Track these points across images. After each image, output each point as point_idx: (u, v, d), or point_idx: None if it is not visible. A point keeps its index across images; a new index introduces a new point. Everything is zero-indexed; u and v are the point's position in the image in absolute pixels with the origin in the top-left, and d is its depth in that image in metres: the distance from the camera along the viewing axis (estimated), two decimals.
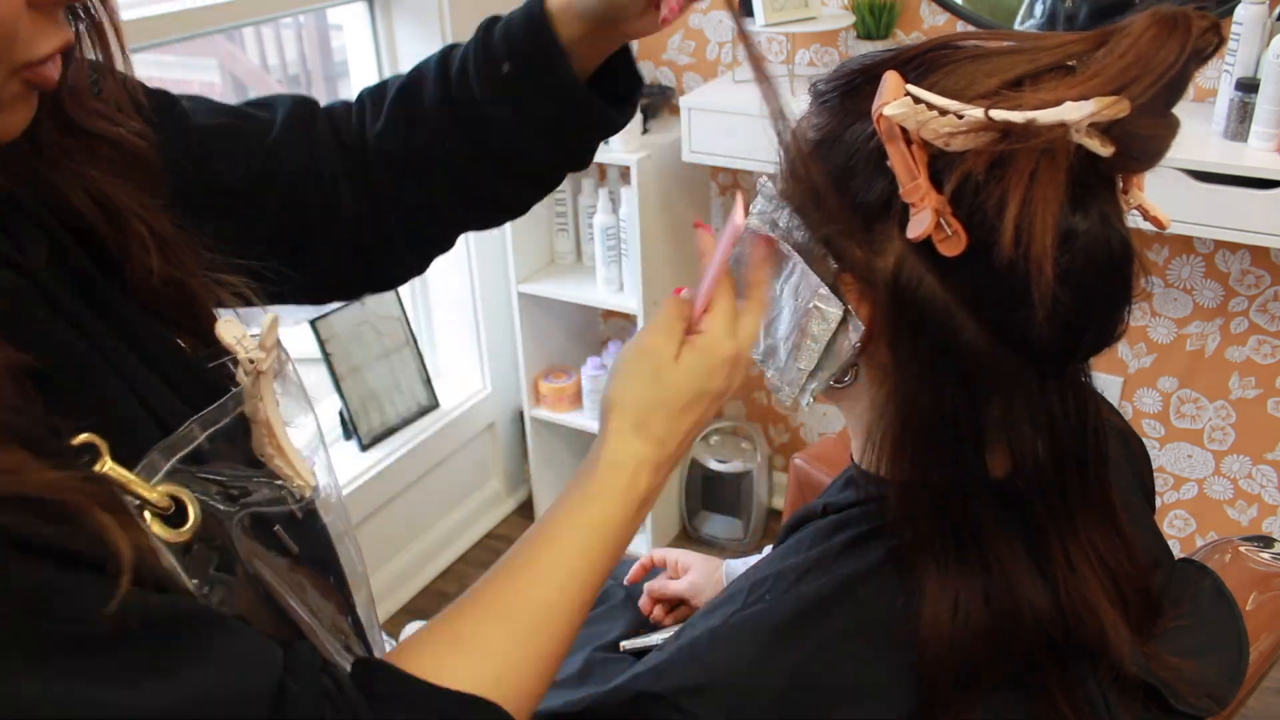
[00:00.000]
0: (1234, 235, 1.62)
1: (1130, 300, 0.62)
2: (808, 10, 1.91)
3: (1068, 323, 0.60)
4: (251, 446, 0.60)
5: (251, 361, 0.58)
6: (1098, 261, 0.59)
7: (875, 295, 0.64)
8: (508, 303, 2.36)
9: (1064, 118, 0.55)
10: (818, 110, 0.68)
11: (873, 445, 0.68)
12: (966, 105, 0.56)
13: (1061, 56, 0.59)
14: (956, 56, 0.62)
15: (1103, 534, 0.69)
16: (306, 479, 0.60)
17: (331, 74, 4.90)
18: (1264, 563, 0.91)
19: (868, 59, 0.66)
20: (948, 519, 0.66)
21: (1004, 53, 0.61)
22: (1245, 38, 1.59)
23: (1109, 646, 0.67)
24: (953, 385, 0.63)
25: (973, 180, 0.57)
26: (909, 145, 0.58)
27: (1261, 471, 2.04)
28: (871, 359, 0.67)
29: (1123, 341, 2.04)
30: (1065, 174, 0.56)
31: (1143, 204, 0.63)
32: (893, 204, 0.61)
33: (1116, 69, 0.56)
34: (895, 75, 0.60)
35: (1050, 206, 0.56)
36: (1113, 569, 0.69)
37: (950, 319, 0.61)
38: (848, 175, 0.64)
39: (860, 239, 0.63)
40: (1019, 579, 0.66)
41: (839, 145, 0.65)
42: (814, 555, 0.70)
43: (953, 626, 0.65)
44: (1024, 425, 0.65)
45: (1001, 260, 0.56)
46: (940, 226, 0.58)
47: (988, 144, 0.57)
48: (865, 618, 0.67)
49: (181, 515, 0.52)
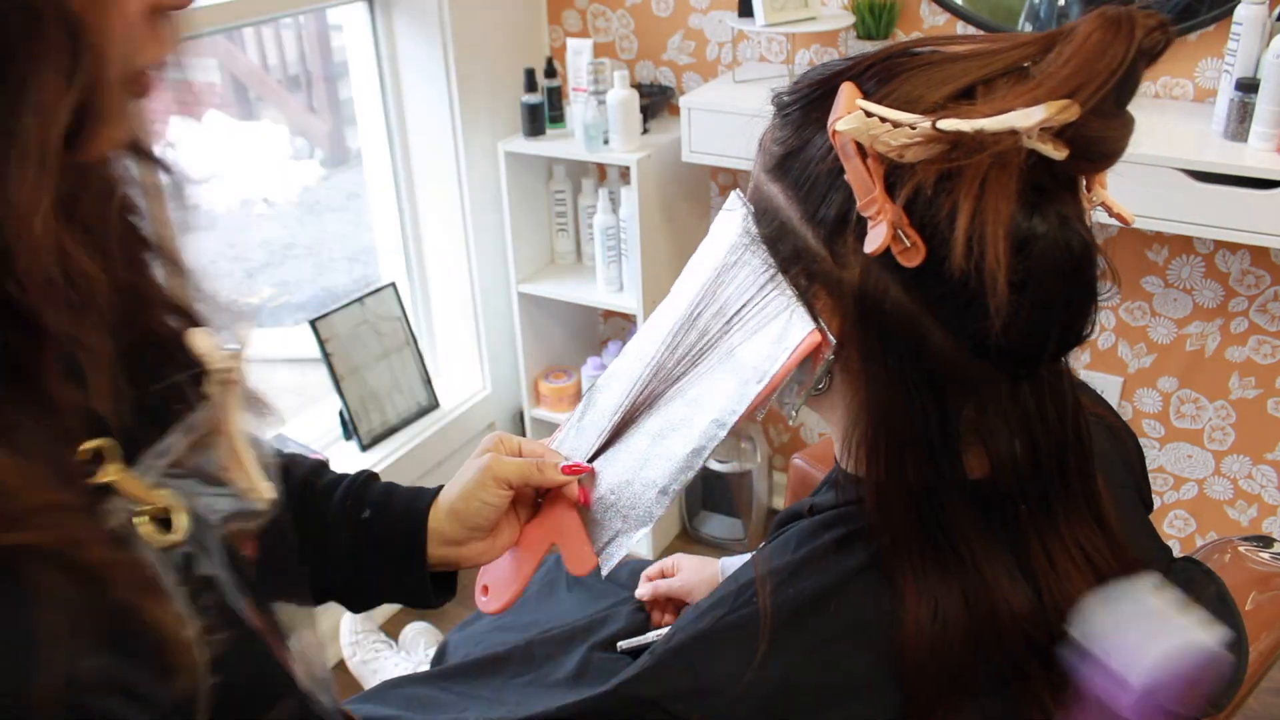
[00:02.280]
0: (1234, 235, 1.62)
1: (1095, 299, 0.61)
2: (808, 10, 1.91)
3: (1031, 326, 0.59)
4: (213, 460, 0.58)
5: (223, 370, 0.57)
6: (1057, 264, 0.58)
7: (844, 306, 0.64)
8: (508, 303, 2.36)
9: (1014, 125, 0.54)
10: (781, 123, 0.68)
11: (849, 448, 0.69)
12: (917, 117, 0.56)
13: (1015, 60, 0.59)
14: (912, 64, 0.61)
15: (1087, 530, 0.69)
16: (263, 493, 0.59)
17: (331, 74, 4.90)
18: (1263, 562, 0.91)
19: (827, 69, 0.65)
20: (923, 520, 0.66)
21: (958, 58, 0.61)
22: (1245, 38, 1.59)
23: None
24: (923, 390, 0.63)
25: (924, 192, 0.57)
26: (864, 158, 0.58)
27: (1261, 471, 2.04)
28: (845, 366, 0.67)
29: (1123, 341, 2.05)
30: (1017, 181, 0.56)
31: (1105, 201, 0.63)
32: (851, 217, 0.61)
33: (1064, 74, 0.55)
34: (850, 87, 0.60)
35: (1001, 216, 0.55)
36: (1097, 565, 0.69)
37: (917, 327, 0.61)
38: (810, 189, 0.64)
39: (826, 252, 0.64)
40: (997, 580, 0.66)
41: (800, 158, 0.65)
42: (800, 556, 0.70)
43: (932, 630, 0.64)
44: (999, 426, 0.65)
45: (953, 270, 0.56)
46: (898, 238, 0.57)
47: (940, 154, 0.56)
48: (852, 619, 0.67)
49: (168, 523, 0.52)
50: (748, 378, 0.70)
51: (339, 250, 4.16)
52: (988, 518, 0.67)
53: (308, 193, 4.55)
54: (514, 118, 2.23)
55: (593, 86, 2.06)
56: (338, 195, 4.61)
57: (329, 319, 2.13)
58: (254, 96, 5.07)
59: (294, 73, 5.08)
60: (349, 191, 4.57)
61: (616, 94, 2.02)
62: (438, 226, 2.31)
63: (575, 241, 2.38)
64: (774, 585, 0.69)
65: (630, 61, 2.28)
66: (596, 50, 2.21)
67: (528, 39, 2.30)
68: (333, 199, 4.59)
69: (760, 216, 0.69)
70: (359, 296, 2.18)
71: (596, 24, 2.27)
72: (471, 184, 2.22)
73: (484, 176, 2.24)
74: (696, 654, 0.68)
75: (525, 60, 2.21)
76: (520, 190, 2.26)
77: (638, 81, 2.28)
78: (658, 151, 2.09)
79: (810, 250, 0.65)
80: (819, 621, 0.67)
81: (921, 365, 0.62)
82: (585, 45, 2.10)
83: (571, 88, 2.14)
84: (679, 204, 2.22)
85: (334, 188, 4.65)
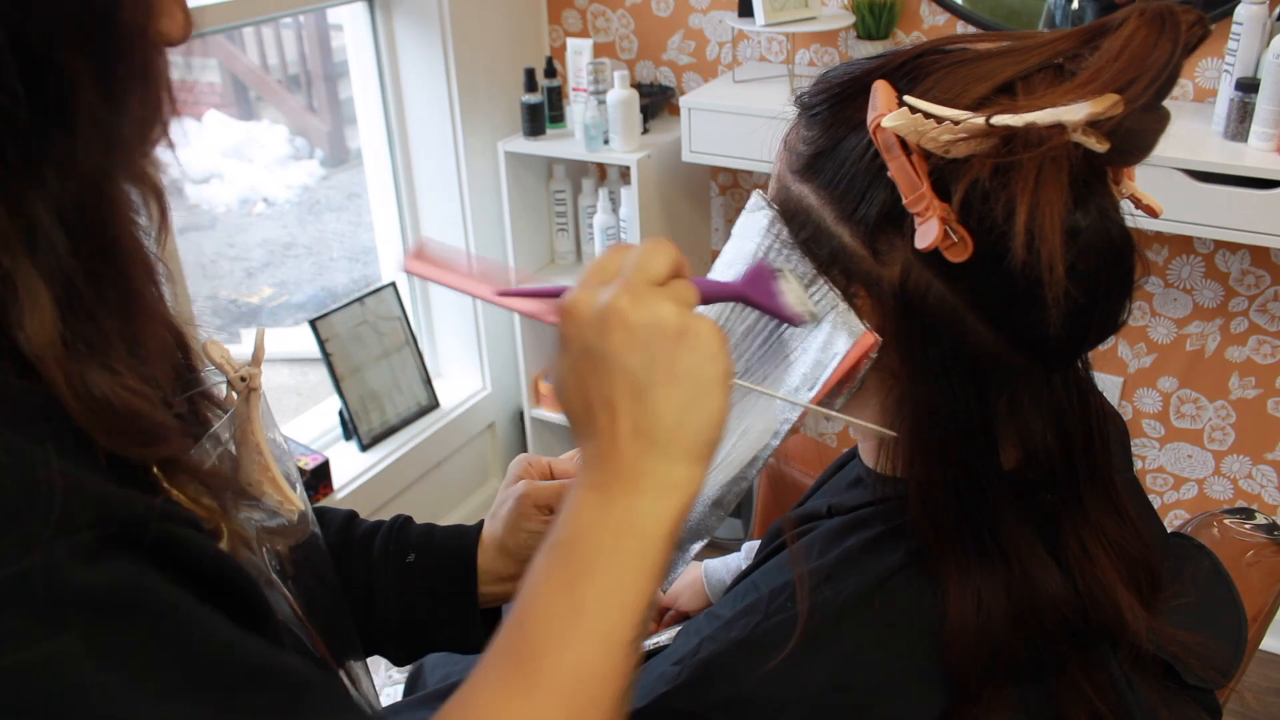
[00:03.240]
0: (1234, 235, 1.62)
1: (1132, 289, 0.63)
2: (808, 10, 1.91)
3: (1074, 317, 0.60)
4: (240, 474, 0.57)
5: (243, 379, 0.55)
6: (1101, 255, 0.60)
7: (884, 304, 0.64)
8: None
9: (1062, 119, 0.55)
10: (807, 123, 0.67)
11: (887, 448, 0.68)
12: (965, 113, 0.56)
13: (1049, 56, 0.60)
14: (945, 62, 0.62)
15: (1110, 518, 0.71)
16: (296, 504, 0.58)
17: (331, 74, 4.91)
18: (1248, 534, 0.95)
19: (853, 68, 0.65)
20: (967, 515, 0.66)
21: (992, 55, 0.61)
22: (1245, 38, 1.59)
23: (1126, 627, 0.68)
24: (964, 385, 0.64)
25: (980, 187, 0.57)
26: (908, 155, 0.58)
27: (1261, 471, 2.04)
28: (880, 365, 0.67)
29: (1123, 341, 2.04)
30: (1067, 174, 0.57)
31: (1134, 193, 0.64)
32: (894, 214, 0.61)
33: (1113, 71, 0.56)
34: (886, 85, 0.60)
35: (1056, 208, 0.56)
36: (1123, 551, 0.70)
37: (959, 322, 0.62)
38: (847, 188, 0.64)
39: (866, 251, 0.64)
40: (1036, 568, 0.66)
41: (833, 159, 0.65)
42: (832, 559, 0.70)
43: (977, 620, 0.65)
44: (1033, 418, 0.66)
45: (1014, 263, 0.57)
46: (946, 234, 0.58)
47: (989, 150, 0.57)
48: (893, 619, 0.67)
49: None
50: (798, 385, 0.69)
51: (339, 250, 4.16)
52: (1021, 509, 0.68)
53: (308, 193, 4.55)
54: (514, 118, 2.23)
55: (593, 86, 2.06)
56: (338, 195, 4.61)
57: (329, 319, 2.12)
58: (254, 96, 5.07)
59: (294, 73, 5.08)
60: (349, 191, 4.57)
61: (616, 94, 2.02)
62: (438, 226, 2.31)
63: (575, 241, 2.38)
64: (811, 588, 0.68)
65: (630, 61, 2.28)
66: (596, 50, 2.21)
67: (528, 39, 2.30)
68: (333, 199, 4.59)
69: (790, 219, 0.68)
70: (359, 296, 2.18)
71: (596, 24, 2.27)
72: (471, 184, 2.22)
73: (484, 176, 2.24)
74: (737, 662, 0.68)
75: (525, 60, 2.21)
76: (520, 190, 2.26)
77: (638, 81, 2.28)
78: (658, 151, 2.09)
79: (848, 250, 0.65)
80: (860, 624, 0.67)
81: (963, 360, 0.63)
82: (585, 45, 2.10)
83: (571, 88, 2.14)
84: (679, 204, 2.22)
85: (334, 188, 4.66)
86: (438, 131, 2.18)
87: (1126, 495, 0.73)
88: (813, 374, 0.68)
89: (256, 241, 4.20)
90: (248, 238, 4.23)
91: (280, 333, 3.46)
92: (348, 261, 4.06)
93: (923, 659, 0.66)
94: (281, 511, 0.57)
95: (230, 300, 3.77)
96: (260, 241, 4.21)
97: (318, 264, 4.07)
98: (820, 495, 0.83)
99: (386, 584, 0.81)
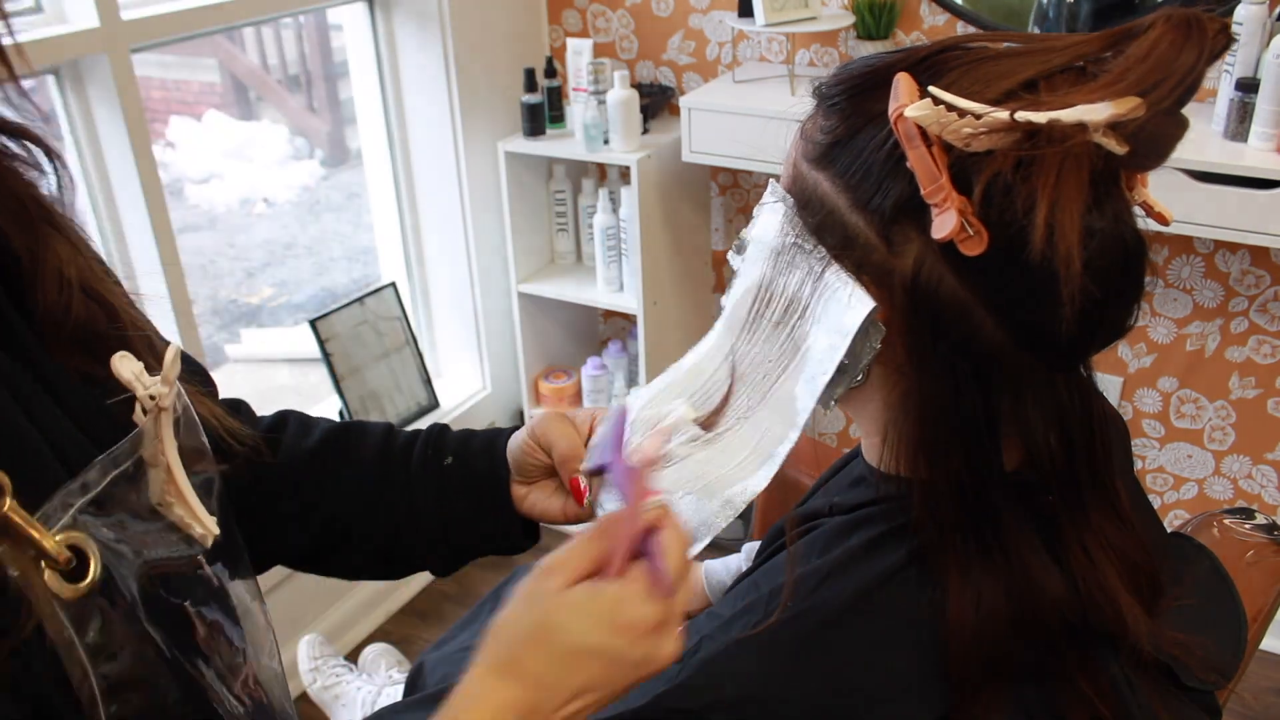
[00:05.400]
0: (1234, 235, 1.62)
1: (1142, 293, 0.63)
2: (808, 10, 1.91)
3: (1085, 317, 0.60)
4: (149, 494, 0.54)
5: (152, 398, 0.52)
6: (1115, 258, 0.60)
7: (893, 297, 0.64)
8: (508, 303, 2.36)
9: (1084, 119, 0.55)
10: (825, 113, 0.67)
11: (890, 445, 0.68)
12: (988, 107, 0.57)
13: (1072, 57, 0.60)
14: (968, 58, 0.62)
15: (1111, 521, 0.71)
16: (209, 528, 0.55)
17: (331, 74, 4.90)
18: (1247, 534, 0.95)
19: (875, 60, 0.65)
20: (969, 514, 0.66)
21: (1014, 54, 0.61)
22: (1245, 38, 1.59)
23: (1127, 630, 0.68)
24: (970, 382, 0.64)
25: (1002, 180, 0.57)
26: (929, 147, 0.58)
27: (1261, 471, 2.04)
28: (885, 359, 0.67)
29: (1122, 341, 2.04)
30: (1088, 173, 0.57)
31: (1147, 200, 0.64)
32: (909, 206, 0.61)
33: (1138, 74, 0.56)
34: (908, 77, 0.60)
35: (1076, 204, 0.56)
36: (1124, 554, 0.70)
37: (969, 318, 0.62)
38: (863, 177, 0.64)
39: (879, 241, 0.64)
40: (1037, 569, 0.66)
41: (850, 148, 0.65)
42: (834, 558, 0.70)
43: (977, 621, 0.65)
44: (1035, 418, 0.66)
45: (1032, 258, 0.57)
46: (963, 226, 0.58)
47: (1010, 145, 0.57)
48: (894, 619, 0.67)
49: (82, 567, 0.48)
50: (814, 372, 0.69)
51: (339, 250, 4.16)
52: (1022, 509, 0.68)
53: (308, 193, 4.55)
54: (514, 118, 2.24)
55: (593, 86, 2.06)
56: (338, 195, 4.61)
57: (329, 319, 2.13)
58: (254, 96, 5.07)
59: (294, 73, 5.08)
60: (349, 191, 4.57)
61: (616, 94, 2.02)
62: (438, 226, 2.31)
63: (575, 241, 2.38)
64: (812, 587, 0.69)
65: (630, 61, 2.28)
66: (596, 50, 2.21)
67: (528, 39, 2.30)
68: (333, 199, 4.59)
69: (803, 206, 0.68)
70: (359, 296, 2.18)
71: (596, 24, 2.27)
72: (471, 184, 2.22)
73: (484, 176, 2.24)
74: (736, 663, 0.68)
75: (525, 60, 2.21)
76: (520, 190, 2.26)
77: (638, 81, 2.28)
78: (658, 151, 2.09)
79: (859, 239, 0.64)
80: (860, 623, 0.67)
81: (969, 356, 0.63)
82: (585, 45, 2.10)
83: (571, 88, 2.14)
84: (679, 204, 2.22)
85: (334, 188, 4.66)
86: (438, 131, 2.18)
87: (1127, 499, 0.73)
88: (827, 359, 0.68)
89: (256, 241, 4.20)
90: (248, 238, 4.23)
91: (280, 333, 3.46)
92: (348, 261, 4.06)
93: (923, 659, 0.66)
94: (192, 533, 0.55)
95: (230, 300, 3.77)
96: (260, 241, 4.20)
97: (318, 264, 4.07)
98: (821, 495, 0.83)
99: (426, 490, 0.83)
